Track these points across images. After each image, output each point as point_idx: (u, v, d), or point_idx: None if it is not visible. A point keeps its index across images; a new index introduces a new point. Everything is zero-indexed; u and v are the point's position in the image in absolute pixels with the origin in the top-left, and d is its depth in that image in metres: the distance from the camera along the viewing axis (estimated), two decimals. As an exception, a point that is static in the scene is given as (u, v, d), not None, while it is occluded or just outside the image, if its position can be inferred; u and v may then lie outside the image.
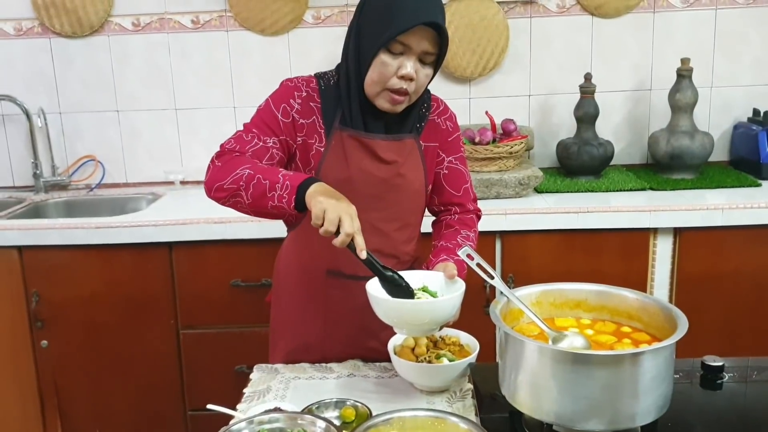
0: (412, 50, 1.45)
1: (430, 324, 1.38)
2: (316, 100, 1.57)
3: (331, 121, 1.57)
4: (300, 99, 1.56)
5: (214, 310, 2.45)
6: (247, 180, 1.40)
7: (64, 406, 2.53)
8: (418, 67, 1.48)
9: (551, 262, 2.40)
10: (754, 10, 2.81)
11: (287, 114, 1.55)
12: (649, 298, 1.38)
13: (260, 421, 1.24)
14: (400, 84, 1.47)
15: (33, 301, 2.43)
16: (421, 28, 1.42)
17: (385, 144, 1.57)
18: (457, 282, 1.45)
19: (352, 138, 1.56)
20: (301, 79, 1.60)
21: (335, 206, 1.31)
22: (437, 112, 1.67)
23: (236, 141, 1.51)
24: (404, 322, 1.38)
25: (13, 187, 3.01)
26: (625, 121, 2.92)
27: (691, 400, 1.42)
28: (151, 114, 2.95)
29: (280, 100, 1.56)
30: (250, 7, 2.82)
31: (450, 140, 1.67)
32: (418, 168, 1.62)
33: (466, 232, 1.67)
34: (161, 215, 2.48)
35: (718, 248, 2.39)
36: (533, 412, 1.22)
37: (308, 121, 1.57)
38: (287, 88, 1.58)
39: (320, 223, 1.31)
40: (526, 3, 2.83)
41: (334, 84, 1.59)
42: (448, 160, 1.68)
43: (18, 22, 2.87)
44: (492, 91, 2.90)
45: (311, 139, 1.57)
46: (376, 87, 1.50)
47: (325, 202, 1.31)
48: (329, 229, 1.31)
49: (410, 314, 1.36)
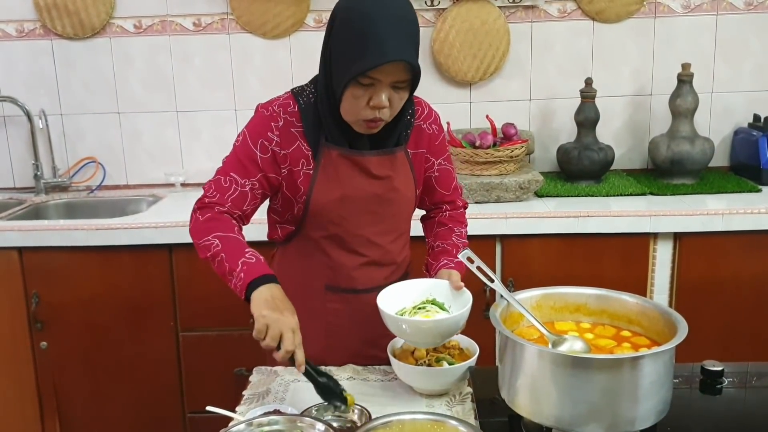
0: (383, 82, 1.39)
1: (437, 338, 1.43)
2: (297, 125, 1.53)
3: (316, 141, 1.53)
4: (278, 130, 1.52)
5: (213, 313, 2.45)
6: (214, 255, 1.45)
7: (63, 408, 2.53)
8: (392, 94, 1.42)
9: (551, 267, 2.40)
10: (754, 16, 2.81)
11: (266, 149, 1.52)
12: (648, 302, 1.37)
13: (259, 423, 1.24)
14: (373, 114, 1.43)
15: (33, 302, 2.43)
16: (391, 63, 1.36)
17: (376, 159, 1.54)
18: (465, 293, 1.47)
19: (343, 156, 1.53)
20: (278, 104, 1.54)
21: (277, 322, 1.33)
22: (422, 117, 1.63)
23: (216, 189, 1.51)
24: (414, 337, 1.43)
25: (14, 189, 3.01)
26: (625, 126, 2.93)
27: (690, 405, 1.41)
28: (152, 116, 2.95)
29: (257, 134, 1.52)
30: (252, 10, 2.83)
31: (437, 143, 1.66)
32: (409, 178, 1.61)
33: (459, 229, 1.69)
34: (161, 217, 2.48)
35: (718, 253, 2.39)
36: (533, 415, 1.22)
37: (291, 150, 1.53)
38: (263, 119, 1.53)
39: (262, 337, 1.34)
40: (527, 7, 2.83)
41: (313, 101, 1.54)
42: (438, 163, 1.67)
43: (20, 24, 2.88)
44: (493, 95, 2.90)
45: (297, 166, 1.53)
46: (350, 117, 1.47)
47: (268, 316, 1.33)
48: (270, 345, 1.33)
49: (421, 332, 1.41)
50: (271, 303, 1.36)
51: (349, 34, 1.39)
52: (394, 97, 1.43)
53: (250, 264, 1.42)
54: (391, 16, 1.36)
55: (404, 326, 1.41)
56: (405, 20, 1.39)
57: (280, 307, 1.35)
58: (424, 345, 1.47)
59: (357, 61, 1.36)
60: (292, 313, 1.37)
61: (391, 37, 1.35)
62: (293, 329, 1.34)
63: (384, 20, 1.35)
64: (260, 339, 1.34)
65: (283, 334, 1.32)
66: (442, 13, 2.82)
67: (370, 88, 1.40)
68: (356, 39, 1.36)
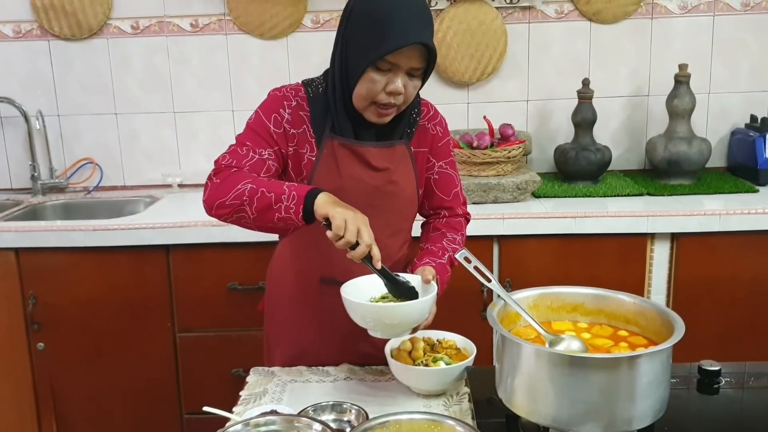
0: (401, 68, 1.45)
1: (401, 326, 1.41)
2: (306, 109, 1.56)
3: (321, 130, 1.55)
4: (290, 108, 1.55)
5: (211, 313, 2.45)
6: (251, 194, 1.39)
7: (60, 409, 2.53)
8: (407, 81, 1.47)
9: (549, 267, 2.40)
10: (751, 16, 2.82)
11: (279, 124, 1.54)
12: (645, 302, 1.38)
13: (256, 423, 1.23)
14: (388, 99, 1.47)
15: (30, 303, 2.43)
16: (410, 47, 1.41)
17: (376, 151, 1.56)
18: (432, 286, 1.46)
19: (344, 146, 1.55)
20: (290, 88, 1.58)
21: (354, 218, 1.31)
22: (428, 117, 1.66)
23: (231, 156, 1.49)
24: (377, 324, 1.41)
25: (11, 189, 3.01)
26: (622, 127, 2.93)
27: (687, 405, 1.42)
28: (149, 117, 2.95)
29: (271, 110, 1.55)
30: (249, 10, 2.83)
31: (440, 145, 1.67)
32: (410, 174, 1.62)
33: (452, 236, 1.68)
34: (159, 218, 2.47)
35: (716, 254, 2.39)
36: (530, 415, 1.22)
37: (299, 131, 1.55)
38: (276, 98, 1.57)
39: (341, 233, 1.31)
40: (524, 8, 2.84)
41: (322, 92, 1.57)
42: (439, 165, 1.68)
43: (17, 25, 2.87)
44: (490, 96, 2.91)
45: (302, 148, 1.56)
46: (364, 102, 1.49)
47: (344, 213, 1.31)
48: (351, 241, 1.31)
49: (382, 317, 1.39)
50: (341, 203, 1.35)
51: (368, 20, 1.44)
52: (408, 84, 1.47)
53: (296, 186, 1.40)
54: (409, 3, 1.42)
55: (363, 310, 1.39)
56: (422, 7, 1.45)
57: (349, 206, 1.35)
58: (387, 333, 1.44)
59: (378, 44, 1.41)
60: (360, 212, 1.35)
61: (411, 21, 1.41)
62: (367, 225, 1.33)
63: (404, 6, 1.41)
64: (338, 236, 1.31)
65: (361, 229, 1.31)
66: (439, 14, 2.82)
67: (388, 74, 1.45)
68: (377, 24, 1.41)
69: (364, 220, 1.34)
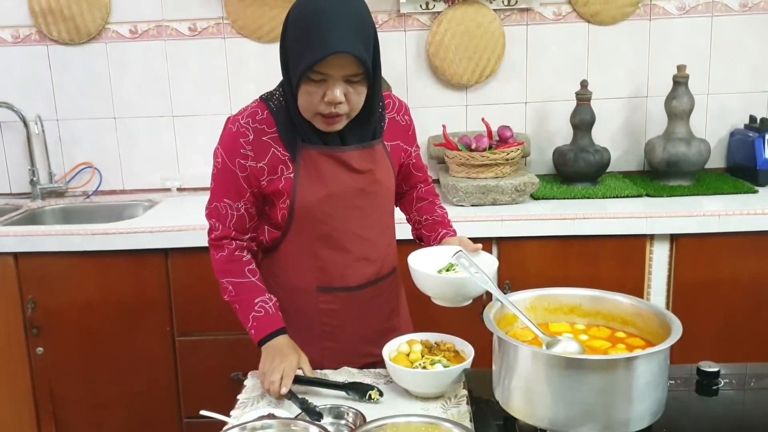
0: (334, 76, 1.39)
1: (464, 297, 1.50)
2: (269, 131, 1.52)
3: (293, 143, 1.52)
4: (249, 144, 1.51)
5: (209, 317, 2.44)
6: (230, 301, 1.62)
7: (59, 413, 2.52)
8: (348, 89, 1.42)
9: (548, 269, 2.40)
10: (749, 17, 2.82)
11: (243, 167, 1.52)
12: (643, 303, 1.37)
13: (253, 427, 1.23)
14: (329, 109, 1.43)
15: (29, 307, 2.43)
16: (336, 55, 1.35)
17: (357, 154, 1.55)
18: (482, 254, 1.56)
19: (323, 154, 1.52)
20: (246, 115, 1.53)
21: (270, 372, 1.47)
22: (394, 109, 1.65)
23: (216, 218, 1.58)
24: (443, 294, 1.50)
25: (10, 194, 3.01)
26: (621, 128, 2.93)
27: (686, 406, 1.41)
28: (148, 121, 2.95)
29: (232, 153, 1.52)
30: (247, 14, 2.83)
31: (410, 133, 1.70)
32: (389, 170, 1.62)
33: (438, 201, 1.79)
34: (157, 222, 2.47)
35: (715, 255, 2.39)
36: (527, 417, 1.22)
37: (266, 161, 1.52)
38: (231, 136, 1.52)
39: (262, 380, 1.50)
40: (522, 10, 2.84)
41: (284, 104, 1.53)
42: (413, 150, 1.72)
43: (15, 29, 2.87)
44: (488, 98, 2.91)
45: (275, 174, 1.53)
46: (308, 113, 1.47)
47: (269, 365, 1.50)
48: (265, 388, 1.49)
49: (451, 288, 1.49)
50: (274, 355, 1.51)
51: (297, 30, 1.40)
52: (350, 92, 1.43)
53: (258, 319, 1.56)
54: (336, 11, 1.37)
55: (430, 282, 1.48)
56: (351, 14, 1.39)
57: (284, 356, 1.50)
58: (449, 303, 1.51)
59: (305, 56, 1.37)
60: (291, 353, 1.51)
61: (334, 30, 1.35)
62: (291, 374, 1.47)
63: (328, 14, 1.36)
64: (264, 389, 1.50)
65: (274, 382, 1.45)
66: (437, 17, 2.82)
67: (323, 84, 1.40)
68: (303, 35, 1.38)
69: (280, 369, 1.46)
